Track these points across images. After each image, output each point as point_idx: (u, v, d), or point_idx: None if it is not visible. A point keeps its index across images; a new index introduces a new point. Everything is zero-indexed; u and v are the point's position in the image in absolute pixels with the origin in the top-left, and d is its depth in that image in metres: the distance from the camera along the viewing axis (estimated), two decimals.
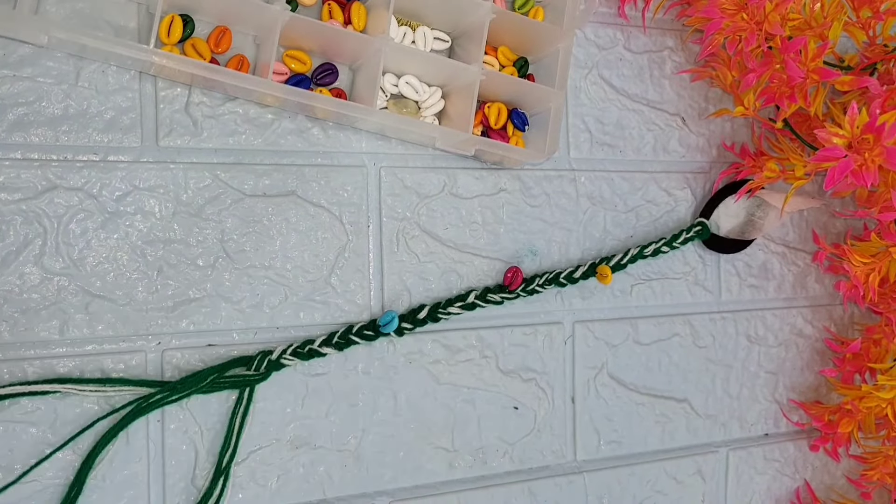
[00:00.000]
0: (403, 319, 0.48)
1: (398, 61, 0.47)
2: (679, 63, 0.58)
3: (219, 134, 0.46)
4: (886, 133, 0.43)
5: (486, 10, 0.46)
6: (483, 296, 0.50)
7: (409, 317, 0.48)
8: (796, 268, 0.63)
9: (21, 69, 0.42)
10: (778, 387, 0.62)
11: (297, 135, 0.47)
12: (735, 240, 0.58)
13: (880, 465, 0.57)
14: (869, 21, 0.51)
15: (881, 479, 0.56)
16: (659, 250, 0.55)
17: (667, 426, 0.58)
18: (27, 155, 0.42)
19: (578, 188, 0.55)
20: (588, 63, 0.56)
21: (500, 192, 0.52)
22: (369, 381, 0.49)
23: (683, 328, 0.58)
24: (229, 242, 0.46)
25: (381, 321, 0.47)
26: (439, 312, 0.49)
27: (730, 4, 0.47)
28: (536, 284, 0.51)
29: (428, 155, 0.51)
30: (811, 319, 0.63)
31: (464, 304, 0.50)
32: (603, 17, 0.56)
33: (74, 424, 0.42)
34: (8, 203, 0.42)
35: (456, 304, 0.49)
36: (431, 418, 0.51)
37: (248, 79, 0.42)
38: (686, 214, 0.58)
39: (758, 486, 0.61)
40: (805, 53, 0.46)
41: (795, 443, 0.63)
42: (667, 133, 0.58)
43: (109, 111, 0.44)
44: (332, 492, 0.48)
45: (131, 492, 0.43)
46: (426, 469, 0.50)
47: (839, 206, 0.64)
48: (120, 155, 0.44)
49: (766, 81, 0.48)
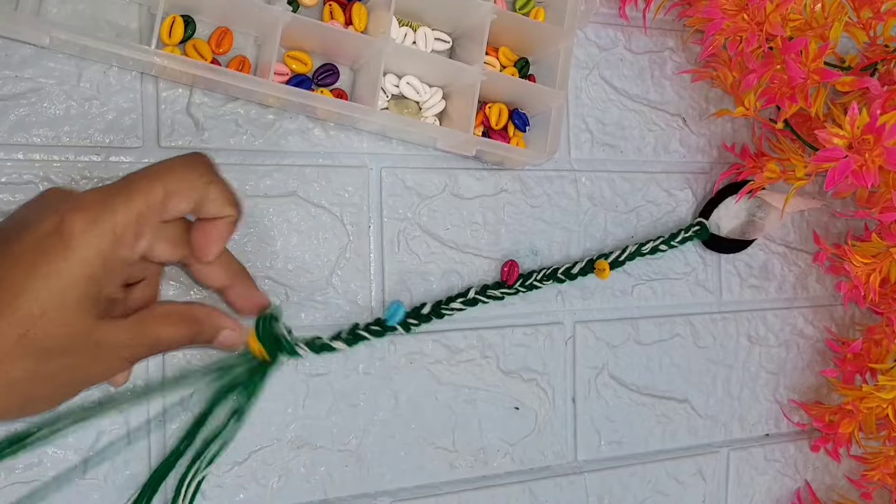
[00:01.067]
0: (407, 315, 0.48)
1: (399, 62, 0.48)
2: (680, 63, 0.58)
3: (220, 134, 0.46)
4: (887, 133, 0.43)
5: (487, 10, 0.46)
6: (483, 291, 0.50)
7: (413, 313, 0.48)
8: (797, 268, 0.63)
9: (23, 70, 0.42)
10: (779, 387, 0.62)
11: (299, 135, 0.47)
12: (735, 240, 0.58)
13: (881, 465, 0.57)
14: (870, 21, 0.51)
15: (882, 479, 0.56)
16: (657, 248, 0.55)
17: (668, 426, 0.58)
18: (29, 156, 0.42)
19: (579, 188, 0.55)
20: (589, 63, 0.56)
21: (501, 192, 0.52)
22: (370, 382, 0.49)
23: (684, 328, 0.58)
24: (230, 243, 0.46)
25: (388, 312, 0.47)
26: (442, 308, 0.49)
27: (730, 5, 0.47)
28: (534, 279, 0.51)
29: (429, 155, 0.51)
30: (812, 320, 0.63)
31: (465, 299, 0.50)
32: (604, 17, 0.56)
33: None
34: (10, 204, 0.42)
35: (458, 300, 0.49)
36: (432, 418, 0.51)
37: (249, 79, 0.42)
38: (687, 215, 0.58)
39: (758, 487, 0.61)
40: (806, 54, 0.46)
41: (796, 443, 0.63)
42: (668, 133, 0.58)
43: (111, 112, 0.44)
44: (333, 492, 0.48)
45: (131, 492, 0.43)
46: (427, 469, 0.51)
47: (840, 207, 0.64)
48: (121, 156, 0.44)
49: (767, 82, 0.48)
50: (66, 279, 0.33)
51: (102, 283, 0.34)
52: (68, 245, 0.33)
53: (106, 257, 0.34)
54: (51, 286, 0.33)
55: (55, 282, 0.33)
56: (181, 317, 0.39)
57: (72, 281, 0.33)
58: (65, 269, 0.33)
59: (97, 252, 0.34)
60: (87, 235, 0.33)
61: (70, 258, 0.33)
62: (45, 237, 0.33)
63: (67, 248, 0.33)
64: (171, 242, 0.37)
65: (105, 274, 0.34)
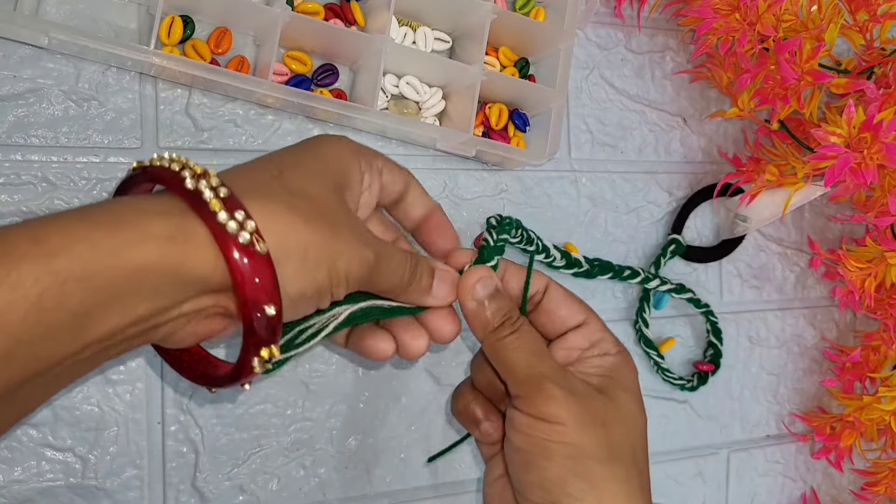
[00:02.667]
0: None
1: (399, 62, 0.47)
2: (680, 63, 0.58)
3: (219, 135, 0.46)
4: (884, 130, 0.43)
5: (487, 10, 0.46)
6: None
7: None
8: (798, 269, 0.63)
9: (21, 70, 0.42)
10: (779, 388, 0.62)
11: (298, 136, 0.47)
12: (713, 246, 0.58)
13: (885, 478, 0.56)
14: (866, 24, 0.51)
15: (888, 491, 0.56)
16: (648, 279, 0.54)
17: (668, 427, 0.58)
18: (27, 156, 0.42)
19: (580, 189, 0.55)
20: (589, 63, 0.56)
21: (501, 192, 0.52)
22: (370, 383, 0.49)
23: (685, 329, 0.58)
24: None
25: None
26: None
27: (723, 5, 0.47)
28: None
29: (429, 156, 0.51)
30: (813, 321, 0.63)
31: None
32: (604, 17, 0.56)
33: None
34: (8, 205, 0.41)
35: None
36: (433, 420, 0.50)
37: (248, 80, 0.42)
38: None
39: (759, 488, 0.61)
40: (800, 55, 0.46)
41: (797, 445, 0.63)
42: (668, 134, 0.58)
43: (109, 112, 0.43)
44: (332, 494, 0.48)
45: (132, 493, 0.43)
46: (427, 471, 0.50)
47: (835, 211, 0.63)
48: (120, 156, 0.44)
49: (761, 82, 0.48)
50: (321, 162, 0.34)
51: (344, 187, 0.34)
52: (327, 140, 0.35)
53: (351, 175, 0.35)
54: (307, 156, 0.34)
55: (314, 154, 0.34)
56: (405, 256, 0.36)
57: (324, 162, 0.34)
58: (321, 154, 0.34)
59: (350, 159, 0.35)
60: (347, 148, 0.35)
61: (323, 148, 0.35)
62: (317, 139, 0.36)
63: (326, 141, 0.35)
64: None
65: (348, 184, 0.35)
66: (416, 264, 0.37)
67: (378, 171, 0.37)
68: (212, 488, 0.45)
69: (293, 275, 0.30)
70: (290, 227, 0.30)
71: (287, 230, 0.30)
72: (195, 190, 0.28)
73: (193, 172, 0.29)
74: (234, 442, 0.46)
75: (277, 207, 0.30)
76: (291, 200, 0.31)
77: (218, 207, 0.28)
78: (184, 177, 0.28)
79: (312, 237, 0.30)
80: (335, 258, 0.31)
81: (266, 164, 0.33)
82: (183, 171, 0.29)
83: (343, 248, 0.31)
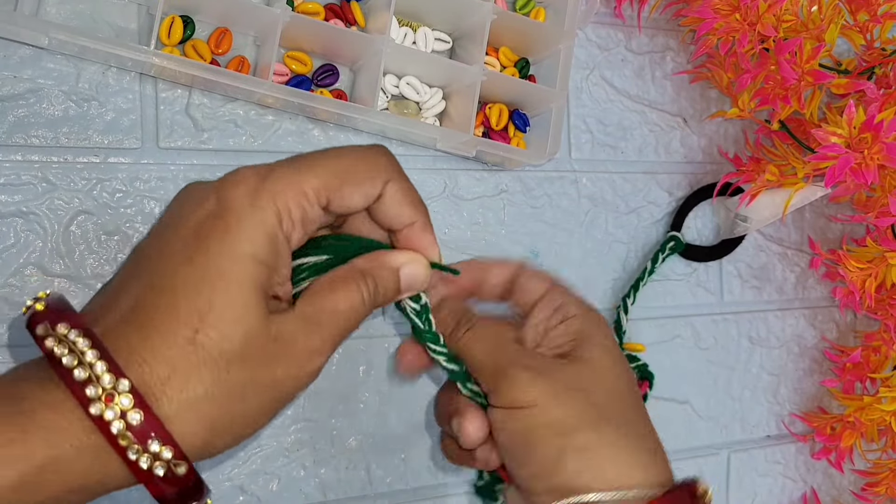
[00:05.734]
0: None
1: (399, 62, 0.47)
2: (680, 64, 0.58)
3: (219, 135, 0.46)
4: (885, 130, 0.43)
5: (488, 10, 0.46)
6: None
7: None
8: (798, 269, 0.63)
9: (21, 71, 0.42)
10: (780, 389, 0.62)
11: (298, 136, 0.47)
12: (714, 246, 0.58)
13: (886, 479, 0.56)
14: (866, 24, 0.51)
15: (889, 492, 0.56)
16: (649, 272, 0.54)
17: (668, 427, 0.57)
18: (27, 157, 0.42)
19: (580, 189, 0.55)
20: (589, 64, 0.56)
21: (502, 193, 0.52)
22: (371, 383, 0.49)
23: (685, 330, 0.58)
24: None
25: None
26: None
27: (723, 5, 0.47)
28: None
29: (429, 156, 0.51)
30: (813, 321, 0.63)
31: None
32: (604, 17, 0.56)
33: None
34: (8, 205, 0.41)
35: None
36: (433, 420, 0.50)
37: (248, 80, 0.42)
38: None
39: (759, 489, 0.61)
40: (800, 55, 0.46)
41: (797, 445, 0.62)
42: (668, 134, 0.58)
43: (110, 113, 0.43)
44: (332, 494, 0.48)
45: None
46: (427, 472, 0.50)
47: (836, 211, 0.63)
48: (120, 156, 0.44)
49: (761, 83, 0.48)
50: (230, 264, 0.28)
51: (270, 267, 0.29)
52: (228, 223, 0.28)
53: (271, 235, 0.29)
54: (213, 274, 0.28)
55: (218, 266, 0.28)
56: (345, 278, 0.32)
57: (237, 266, 0.28)
58: (227, 252, 0.28)
59: (261, 228, 0.29)
60: (248, 209, 0.29)
61: (231, 237, 0.28)
62: (203, 220, 0.29)
63: (227, 227, 0.28)
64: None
65: (272, 256, 0.29)
66: (363, 276, 0.33)
67: (296, 202, 0.31)
68: (212, 488, 0.45)
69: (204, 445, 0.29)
70: (209, 428, 0.29)
71: (206, 432, 0.29)
72: (100, 417, 0.26)
73: (97, 383, 0.26)
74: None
75: (197, 409, 0.28)
76: (214, 388, 0.28)
77: (128, 442, 0.27)
78: (88, 397, 0.26)
79: (242, 417, 0.30)
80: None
81: (177, 314, 0.28)
82: (86, 385, 0.26)
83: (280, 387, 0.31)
